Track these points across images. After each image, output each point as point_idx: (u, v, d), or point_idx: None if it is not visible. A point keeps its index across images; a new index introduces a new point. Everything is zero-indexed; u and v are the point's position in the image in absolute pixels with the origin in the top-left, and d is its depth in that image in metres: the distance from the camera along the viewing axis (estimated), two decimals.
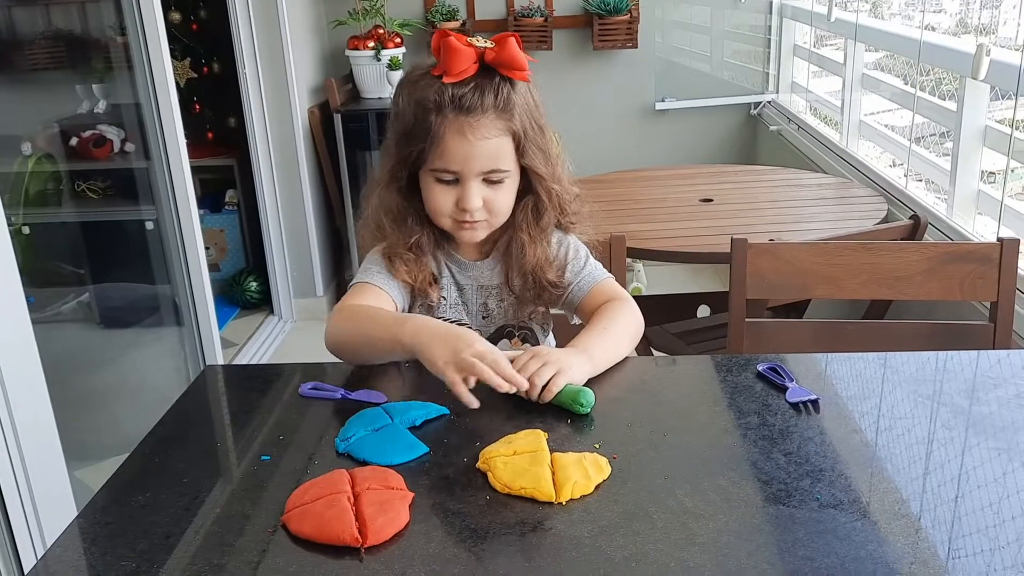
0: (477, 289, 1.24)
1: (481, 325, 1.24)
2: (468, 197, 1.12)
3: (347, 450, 0.91)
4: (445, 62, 1.09)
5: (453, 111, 1.09)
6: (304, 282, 3.48)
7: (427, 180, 1.15)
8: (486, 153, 1.11)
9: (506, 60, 1.10)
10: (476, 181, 1.13)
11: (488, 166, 1.12)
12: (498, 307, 1.24)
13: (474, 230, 1.17)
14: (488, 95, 1.10)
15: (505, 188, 1.16)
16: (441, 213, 1.15)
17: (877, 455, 0.91)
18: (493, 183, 1.14)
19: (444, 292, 1.22)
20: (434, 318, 1.15)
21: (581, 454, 0.88)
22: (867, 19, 2.79)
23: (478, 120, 1.10)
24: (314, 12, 3.51)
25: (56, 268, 2.97)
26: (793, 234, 2.11)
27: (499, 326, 1.25)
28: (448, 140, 1.10)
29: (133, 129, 2.71)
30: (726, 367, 1.08)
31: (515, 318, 1.25)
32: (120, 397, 2.79)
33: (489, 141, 1.11)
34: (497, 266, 1.24)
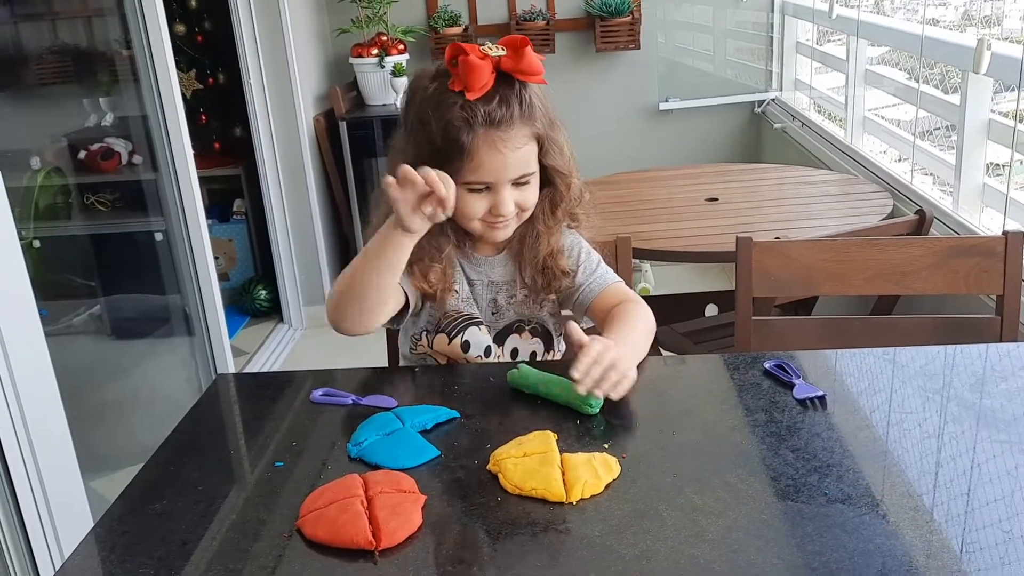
0: (487, 285, 1.25)
1: (490, 320, 1.26)
2: (503, 203, 1.15)
3: (359, 455, 0.93)
4: (466, 79, 1.10)
5: (484, 127, 1.11)
6: (313, 289, 3.49)
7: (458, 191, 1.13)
8: (518, 162, 1.14)
9: (524, 68, 1.11)
10: (509, 188, 1.15)
11: (519, 172, 1.15)
12: (507, 303, 1.26)
13: (506, 227, 1.19)
14: (513, 105, 1.12)
15: (532, 187, 1.19)
16: (473, 218, 1.17)
17: (885, 450, 0.92)
18: (521, 185, 1.17)
19: (457, 287, 1.24)
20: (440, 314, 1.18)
21: (591, 454, 0.89)
22: (869, 15, 2.79)
23: (508, 132, 1.12)
24: (317, 21, 3.53)
25: (67, 281, 2.98)
26: (799, 231, 2.11)
27: (509, 322, 1.26)
28: (483, 155, 1.12)
29: (141, 141, 2.73)
30: (733, 365, 1.09)
31: (524, 313, 1.26)
32: (132, 408, 2.81)
33: (520, 151, 1.14)
34: (508, 262, 1.26)
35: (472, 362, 1.24)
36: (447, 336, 1.23)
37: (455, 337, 1.23)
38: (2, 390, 1.56)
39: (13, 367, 1.58)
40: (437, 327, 1.24)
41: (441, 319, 1.23)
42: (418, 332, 1.25)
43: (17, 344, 1.59)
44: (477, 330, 1.24)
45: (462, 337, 1.23)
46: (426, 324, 1.24)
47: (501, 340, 1.26)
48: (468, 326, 1.24)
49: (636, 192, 2.59)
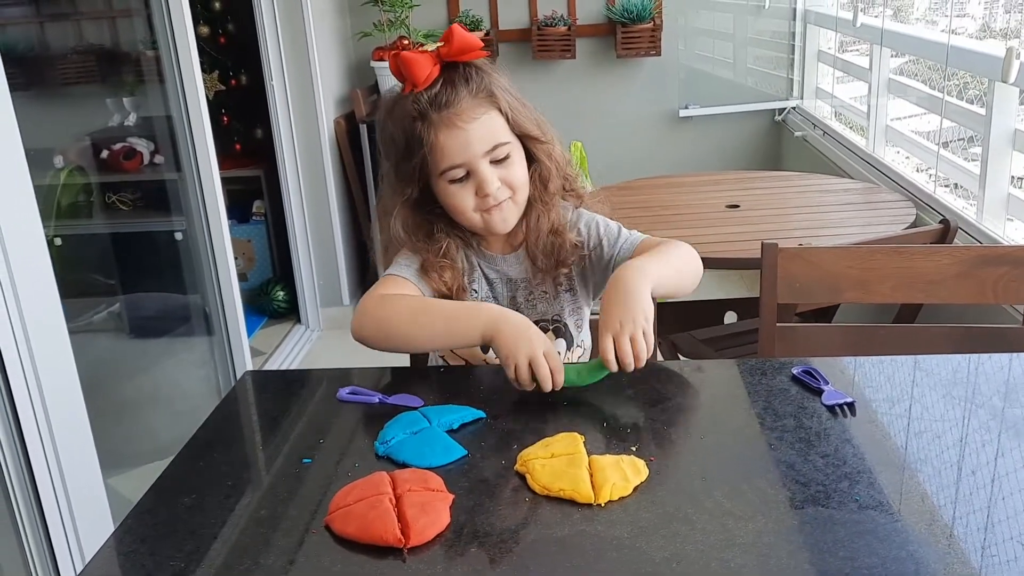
0: (506, 283, 1.25)
1: None
2: (486, 182, 1.14)
3: (387, 453, 0.93)
4: (408, 76, 1.12)
5: (435, 111, 1.12)
6: (330, 291, 3.50)
7: (442, 187, 1.17)
8: (481, 133, 1.13)
9: (458, 47, 1.12)
10: (485, 164, 1.14)
11: (489, 143, 1.14)
12: (526, 301, 1.26)
13: (502, 212, 1.17)
14: (460, 85, 1.13)
15: (514, 162, 1.17)
16: (466, 210, 1.17)
17: (915, 458, 0.91)
18: (501, 161, 1.16)
19: (476, 285, 1.24)
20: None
21: (619, 456, 0.89)
22: (893, 24, 2.78)
23: (459, 107, 1.12)
24: (340, 24, 3.55)
25: (88, 279, 3.00)
26: (821, 238, 2.10)
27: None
28: (442, 138, 1.12)
29: (163, 141, 2.75)
30: (760, 370, 1.09)
31: (545, 312, 1.26)
32: (151, 406, 2.83)
33: (479, 121, 1.13)
34: (524, 259, 1.25)
35: (491, 364, 1.23)
36: None
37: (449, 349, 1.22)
38: (26, 386, 1.57)
39: (38, 364, 1.59)
40: None
41: None
42: None
43: (42, 341, 1.60)
44: None
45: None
46: None
47: None
48: None
49: (656, 198, 2.59)
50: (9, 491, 1.58)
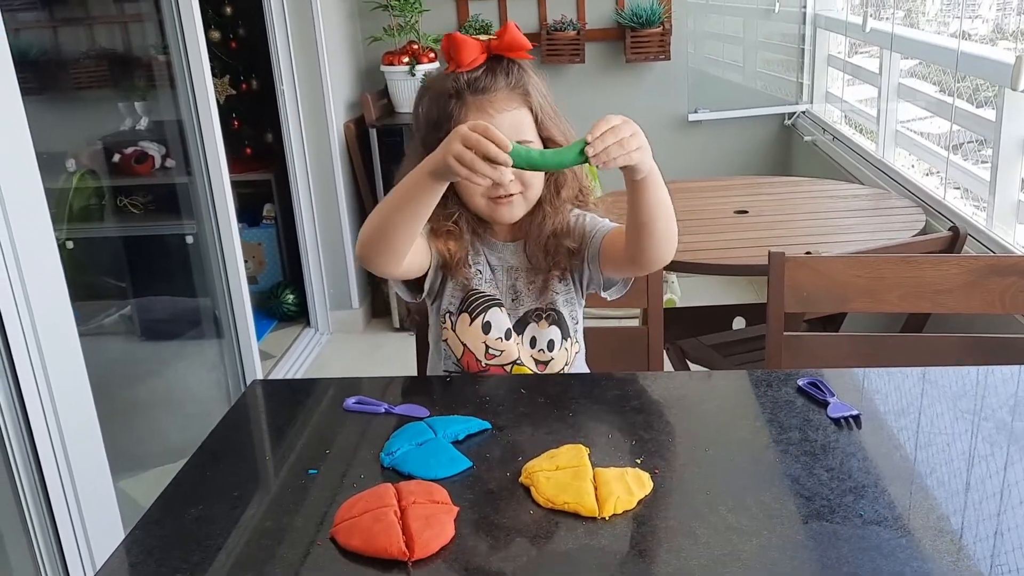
0: (506, 270, 1.27)
1: (510, 307, 1.27)
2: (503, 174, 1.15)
3: (392, 464, 0.93)
4: (455, 56, 1.16)
5: (471, 94, 1.16)
6: (340, 295, 3.51)
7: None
8: (508, 124, 1.16)
9: (508, 43, 1.17)
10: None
11: (512, 136, 1.14)
12: (527, 289, 1.27)
13: (511, 205, 1.20)
14: (500, 76, 1.17)
15: None
16: (475, 194, 1.19)
17: (920, 471, 0.91)
18: None
19: (479, 267, 1.26)
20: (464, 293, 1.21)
21: (623, 469, 0.89)
22: (903, 29, 2.77)
23: (494, 96, 1.16)
24: (350, 29, 3.57)
25: (99, 282, 3.02)
26: (830, 245, 2.10)
27: (526, 311, 1.28)
28: (470, 118, 1.15)
29: (174, 145, 2.77)
30: (766, 382, 1.09)
31: (541, 301, 1.28)
32: (161, 409, 2.84)
33: (509, 112, 1.17)
34: (523, 252, 1.27)
35: (492, 347, 1.24)
36: (469, 316, 1.24)
37: (477, 317, 1.24)
38: (37, 389, 1.59)
39: (48, 367, 1.60)
40: (460, 306, 1.25)
41: (465, 299, 1.25)
42: (443, 315, 1.27)
43: (53, 344, 1.62)
44: (499, 311, 1.25)
45: (484, 317, 1.24)
46: (449, 304, 1.26)
47: (520, 328, 1.27)
48: (490, 307, 1.25)
49: None
50: (20, 494, 1.59)
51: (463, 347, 1.26)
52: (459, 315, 1.25)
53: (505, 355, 1.25)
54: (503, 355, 1.25)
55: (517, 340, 1.26)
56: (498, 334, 1.25)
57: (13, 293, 1.53)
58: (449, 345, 1.27)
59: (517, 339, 1.26)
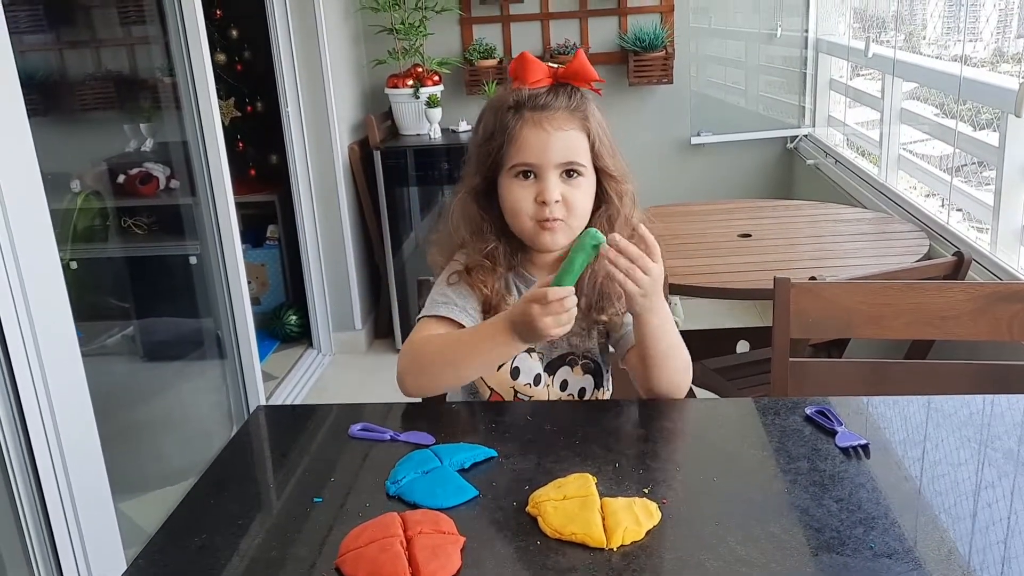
0: None
1: (544, 349, 1.24)
2: (547, 189, 1.14)
3: (397, 493, 0.93)
4: (521, 74, 1.16)
5: (530, 110, 1.16)
6: (343, 316, 3.51)
7: (507, 181, 1.18)
8: (563, 144, 1.15)
9: (575, 70, 1.17)
10: (554, 174, 1.15)
11: (565, 157, 1.15)
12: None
13: (553, 232, 1.17)
14: (561, 96, 1.17)
15: (582, 187, 1.17)
16: (521, 212, 1.16)
17: (929, 501, 0.90)
18: (570, 178, 1.16)
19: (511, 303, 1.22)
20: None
21: (631, 499, 0.88)
22: (905, 54, 2.78)
23: (553, 114, 1.16)
24: (354, 52, 3.59)
25: (102, 302, 3.01)
26: (833, 269, 2.10)
27: (562, 353, 1.25)
28: (525, 133, 1.15)
29: (179, 166, 2.78)
30: (773, 410, 1.08)
31: (577, 345, 1.25)
32: (162, 430, 2.83)
33: (565, 132, 1.16)
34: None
35: (520, 392, 1.22)
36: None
37: (504, 363, 1.21)
38: (38, 408, 1.58)
39: (51, 387, 1.60)
40: None
41: None
42: None
43: (56, 365, 1.61)
44: (528, 357, 1.22)
45: (512, 363, 1.21)
46: None
47: (552, 370, 1.24)
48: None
49: (668, 226, 2.59)
50: (20, 515, 1.58)
51: (490, 390, 1.24)
52: None
53: (533, 400, 1.23)
54: (531, 400, 1.23)
55: (547, 382, 1.24)
56: (527, 379, 1.23)
57: (16, 312, 1.53)
58: (476, 385, 1.25)
59: (548, 380, 1.24)
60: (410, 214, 3.45)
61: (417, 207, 3.46)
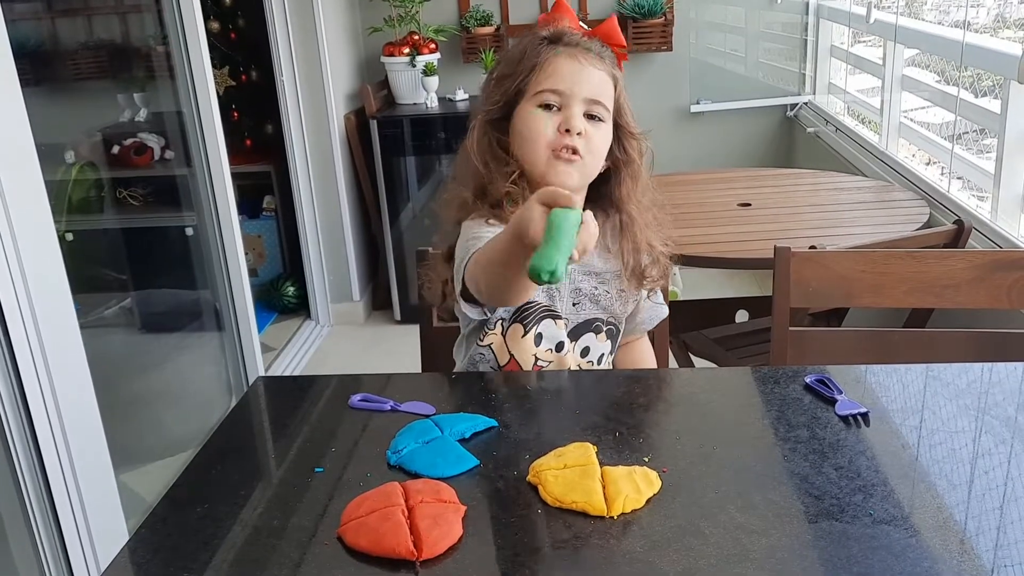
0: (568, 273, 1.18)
1: (570, 312, 1.21)
2: (573, 117, 1.12)
3: (398, 462, 0.93)
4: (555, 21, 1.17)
5: (565, 43, 1.15)
6: (341, 287, 3.51)
7: (526, 110, 1.15)
8: (595, 79, 1.14)
9: (605, 32, 1.18)
10: (580, 107, 1.13)
11: (594, 93, 1.14)
12: (592, 292, 1.21)
13: (570, 164, 1.13)
14: (595, 43, 1.17)
15: (602, 129, 1.16)
16: (539, 139, 1.12)
17: (927, 468, 0.90)
18: (592, 119, 1.15)
19: None
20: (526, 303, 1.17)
21: (631, 468, 0.88)
22: (907, 20, 2.75)
23: (588, 52, 1.15)
24: (350, 19, 3.55)
25: (98, 274, 3.00)
26: (834, 238, 2.09)
27: (589, 318, 1.22)
28: (560, 62, 1.13)
29: (174, 137, 2.75)
30: (773, 379, 1.08)
31: (608, 309, 1.23)
32: (161, 401, 2.83)
33: (599, 70, 1.15)
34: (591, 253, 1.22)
35: (541, 359, 1.19)
36: (523, 327, 1.18)
37: (530, 328, 1.18)
38: (38, 382, 1.58)
39: (49, 360, 1.60)
40: (514, 315, 1.19)
41: (520, 307, 1.18)
42: (492, 322, 1.19)
43: (53, 336, 1.61)
44: (552, 323, 1.19)
45: (536, 329, 1.18)
46: (503, 313, 1.19)
47: (576, 336, 1.22)
48: (544, 318, 1.19)
49: (668, 196, 2.52)
50: (22, 487, 1.59)
51: (509, 355, 1.20)
52: (512, 324, 1.19)
53: (553, 367, 1.20)
54: (551, 367, 1.20)
55: (570, 348, 1.21)
56: (548, 346, 1.20)
57: (14, 285, 1.52)
58: (494, 351, 1.21)
59: (570, 346, 1.21)
60: (407, 184, 3.43)
61: (414, 177, 3.44)
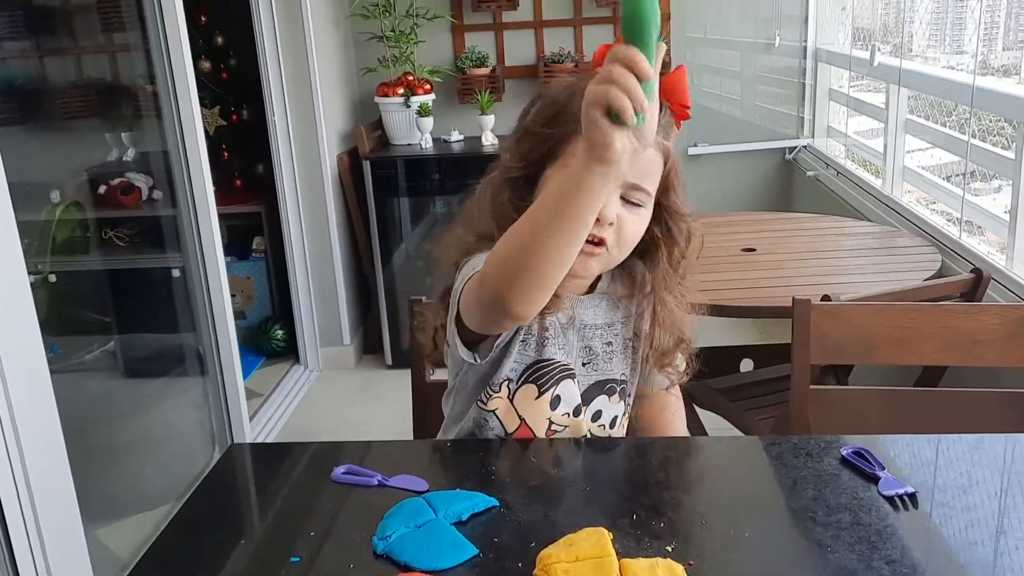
0: (578, 328, 1.08)
1: (581, 373, 1.09)
2: (606, 206, 0.95)
3: (386, 551, 0.82)
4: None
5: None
6: (331, 331, 3.41)
7: (554, 176, 1.00)
8: (642, 161, 0.95)
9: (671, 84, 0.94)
10: (616, 193, 0.98)
11: (638, 178, 0.98)
12: (604, 351, 1.10)
13: (591, 256, 0.99)
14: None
15: (640, 216, 1.01)
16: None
17: (997, 564, 0.80)
18: (630, 204, 1.00)
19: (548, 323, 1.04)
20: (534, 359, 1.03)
21: (653, 560, 0.77)
22: (914, 63, 2.71)
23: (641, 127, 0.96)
24: (344, 59, 3.50)
25: (82, 316, 2.93)
26: (845, 286, 2.00)
27: (602, 379, 1.11)
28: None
29: (161, 177, 2.69)
30: (805, 450, 0.98)
31: (620, 371, 1.11)
32: (141, 451, 2.73)
33: (649, 151, 0.96)
34: (602, 303, 1.09)
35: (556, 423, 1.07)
36: (537, 388, 1.05)
37: (547, 390, 1.05)
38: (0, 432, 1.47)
39: (15, 408, 1.49)
40: (525, 375, 1.05)
41: (533, 365, 1.05)
42: (497, 382, 1.06)
43: (21, 384, 1.50)
44: (571, 384, 1.07)
45: (554, 391, 1.06)
46: (511, 372, 1.05)
47: (588, 399, 1.10)
48: (564, 378, 1.06)
49: None
50: None
51: (519, 421, 1.07)
52: (522, 384, 1.06)
53: (569, 432, 1.08)
54: (566, 432, 1.08)
55: (584, 413, 1.10)
56: (565, 410, 1.07)
57: None
58: (499, 416, 1.07)
59: (584, 411, 1.10)
60: (400, 225, 3.36)
61: (408, 218, 3.38)
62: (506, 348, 1.05)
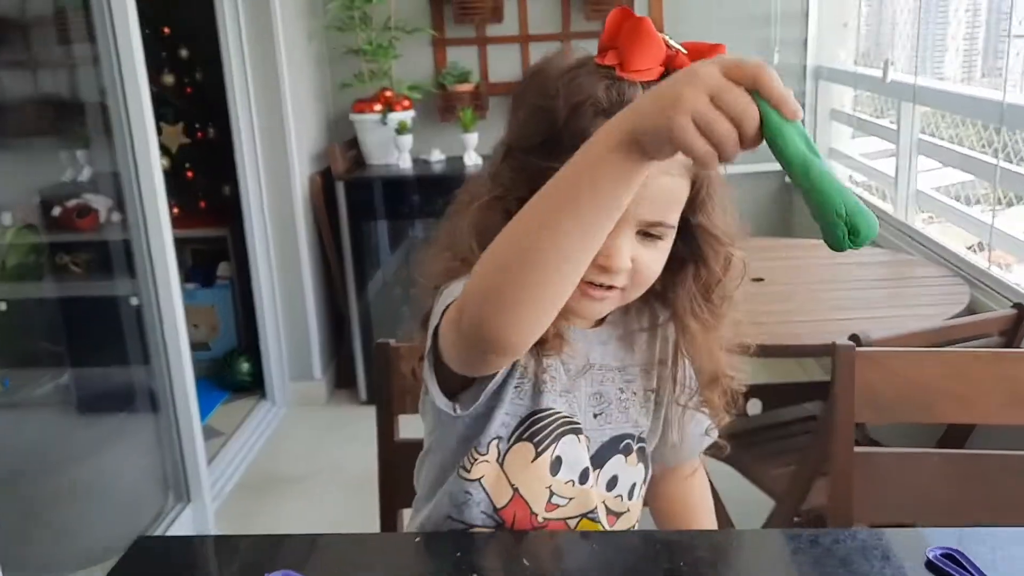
0: (585, 371, 0.88)
1: (591, 426, 0.88)
2: (617, 253, 0.77)
3: None
4: (627, 50, 0.75)
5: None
6: (300, 364, 3.20)
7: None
8: (659, 195, 0.77)
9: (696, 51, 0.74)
10: (630, 231, 0.79)
11: (654, 215, 0.79)
12: (617, 399, 0.89)
13: (600, 301, 0.82)
14: None
15: (661, 249, 0.82)
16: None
17: None
18: (649, 238, 0.81)
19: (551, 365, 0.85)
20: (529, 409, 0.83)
21: None
22: (929, 80, 2.53)
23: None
24: (318, 74, 3.31)
25: (33, 348, 2.77)
26: (868, 322, 1.79)
27: (618, 434, 0.90)
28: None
29: (119, 198, 2.51)
30: (877, 549, 0.76)
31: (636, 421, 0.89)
32: (85, 499, 2.52)
33: (669, 179, 0.77)
34: (611, 339, 0.90)
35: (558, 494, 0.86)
36: (533, 446, 0.85)
37: (545, 449, 0.85)
38: None
39: None
40: (518, 432, 0.85)
41: (527, 419, 0.85)
42: (485, 442, 0.85)
43: None
44: (576, 441, 0.87)
45: (554, 450, 0.86)
46: (501, 427, 0.85)
47: (600, 461, 0.89)
48: (565, 433, 0.86)
49: None
50: None
51: (512, 492, 0.86)
52: (513, 443, 0.86)
53: (575, 504, 0.87)
54: (572, 504, 0.87)
55: (594, 479, 0.89)
56: (570, 475, 0.87)
57: None
58: (485, 487, 0.86)
59: (595, 477, 0.89)
60: (377, 251, 3.16)
61: (385, 243, 3.18)
62: (497, 396, 0.83)
